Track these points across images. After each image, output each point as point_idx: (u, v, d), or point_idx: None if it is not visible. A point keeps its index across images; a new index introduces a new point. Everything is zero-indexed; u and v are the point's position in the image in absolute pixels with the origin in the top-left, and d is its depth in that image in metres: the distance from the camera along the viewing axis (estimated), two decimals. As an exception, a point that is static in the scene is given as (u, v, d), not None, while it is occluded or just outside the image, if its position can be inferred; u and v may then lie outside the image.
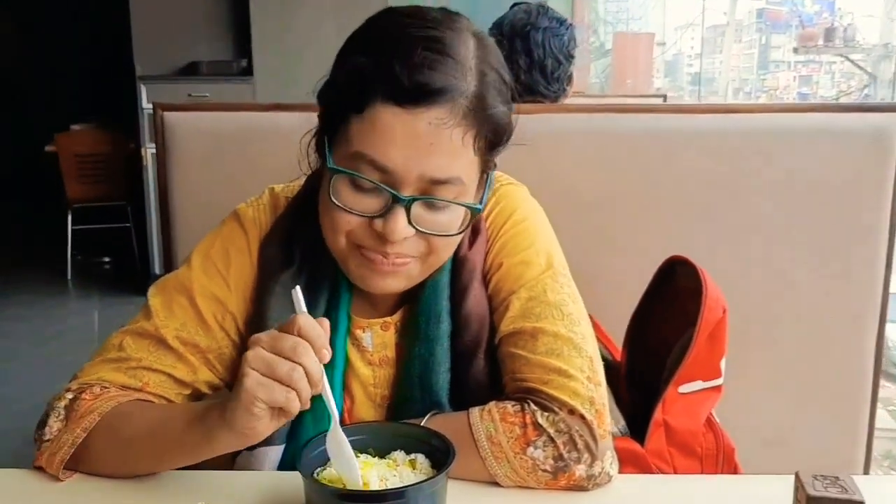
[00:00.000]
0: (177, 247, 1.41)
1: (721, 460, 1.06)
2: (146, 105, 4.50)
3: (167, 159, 1.40)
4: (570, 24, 1.89)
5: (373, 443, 0.83)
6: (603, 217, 1.37)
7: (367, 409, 0.97)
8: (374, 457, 0.82)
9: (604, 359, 1.11)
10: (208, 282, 0.95)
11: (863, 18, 6.08)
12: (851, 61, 6.16)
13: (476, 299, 0.94)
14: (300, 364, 0.74)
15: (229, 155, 1.40)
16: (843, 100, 6.28)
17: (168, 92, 4.44)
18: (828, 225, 1.36)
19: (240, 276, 0.96)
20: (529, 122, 1.38)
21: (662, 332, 1.13)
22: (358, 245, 0.87)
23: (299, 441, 0.90)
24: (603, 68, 6.44)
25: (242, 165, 1.38)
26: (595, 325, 1.18)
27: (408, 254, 0.87)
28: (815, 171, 1.35)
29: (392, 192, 0.83)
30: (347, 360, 0.97)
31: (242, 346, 0.96)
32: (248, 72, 4.58)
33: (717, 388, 1.08)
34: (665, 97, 2.97)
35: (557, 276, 0.95)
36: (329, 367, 0.92)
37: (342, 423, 0.93)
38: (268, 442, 0.90)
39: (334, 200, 0.85)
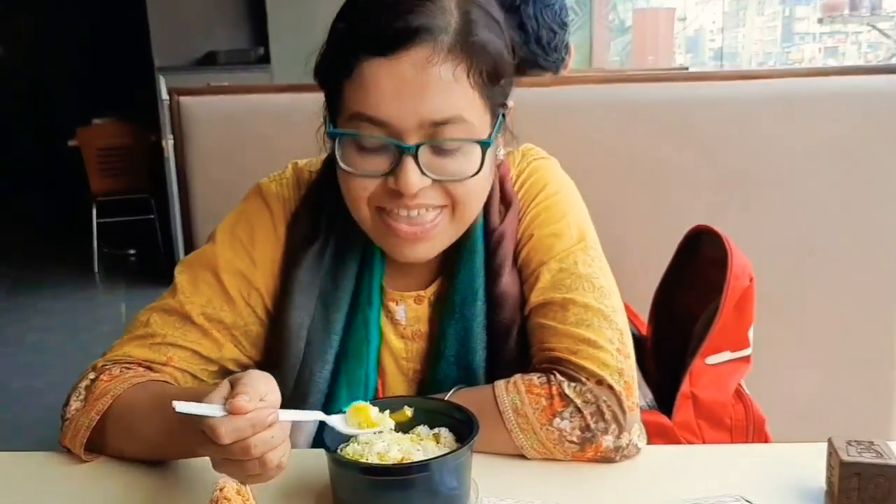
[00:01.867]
0: (197, 229, 1.42)
1: (751, 431, 1.05)
2: (166, 96, 4.51)
3: (185, 145, 1.40)
4: None
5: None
6: (625, 189, 1.35)
7: (398, 383, 0.97)
8: (398, 432, 0.81)
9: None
10: (234, 258, 0.95)
11: (889, -15, 5.92)
12: (879, 30, 6.01)
13: (511, 278, 0.94)
14: (261, 456, 0.71)
15: (247, 137, 1.39)
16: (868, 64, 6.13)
17: (187, 82, 4.40)
18: (855, 190, 1.33)
19: (265, 251, 0.96)
20: (549, 95, 1.38)
21: (688, 303, 1.11)
22: (382, 212, 0.86)
23: (332, 412, 0.89)
24: (623, 45, 6.36)
25: (260, 148, 1.37)
26: (620, 300, 1.17)
27: (430, 204, 0.85)
28: (839, 136, 1.32)
29: (395, 142, 0.82)
30: (381, 333, 0.96)
31: (269, 323, 0.96)
32: (265, 59, 4.60)
33: (746, 359, 1.06)
34: (687, 70, 2.92)
35: (589, 250, 0.94)
36: (364, 341, 0.93)
37: (375, 397, 0.93)
38: None
39: (344, 166, 0.85)
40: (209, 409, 0.70)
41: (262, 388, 0.73)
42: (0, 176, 7.69)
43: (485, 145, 0.85)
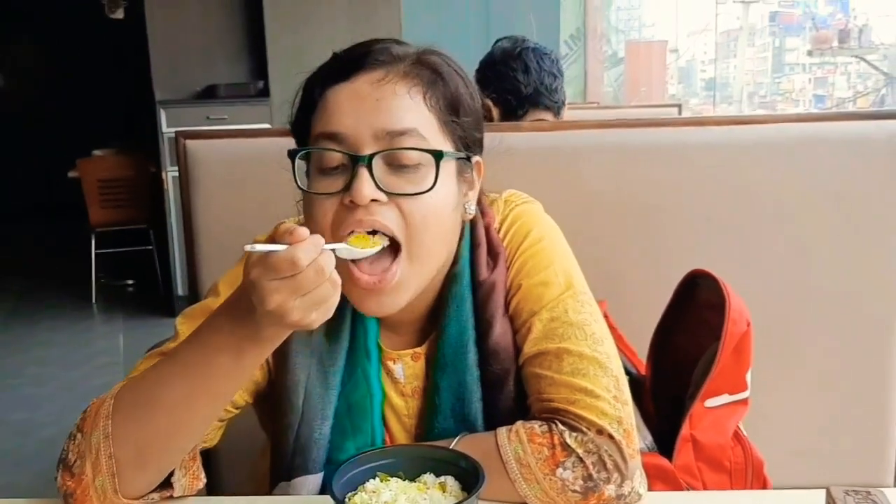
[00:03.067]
0: (201, 268, 1.43)
1: (750, 474, 1.06)
2: (166, 129, 4.57)
3: (190, 185, 1.42)
4: (552, 50, 2.04)
5: (402, 466, 0.84)
6: (623, 231, 1.37)
7: (402, 440, 0.98)
8: (405, 480, 0.82)
9: (629, 373, 1.12)
10: None
11: (878, 18, 6.03)
12: (867, 62, 6.11)
13: (503, 328, 0.94)
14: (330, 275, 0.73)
15: (250, 179, 1.42)
16: (861, 101, 6.22)
17: (187, 116, 4.49)
18: (849, 234, 1.35)
19: None
20: (547, 139, 1.41)
21: (686, 345, 1.13)
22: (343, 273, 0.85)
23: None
24: (616, 77, 6.45)
25: (263, 188, 1.39)
26: (619, 339, 1.19)
27: (385, 225, 0.84)
28: (832, 181, 1.34)
29: (350, 153, 0.85)
30: (383, 388, 0.97)
31: (268, 374, 0.97)
32: (264, 93, 4.63)
33: (744, 402, 1.08)
34: (680, 106, 2.96)
35: (578, 296, 0.95)
36: (367, 395, 0.94)
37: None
38: (305, 471, 0.92)
39: (303, 188, 0.87)
40: (277, 246, 0.72)
41: None
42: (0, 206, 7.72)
43: (438, 156, 0.86)
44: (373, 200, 0.83)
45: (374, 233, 0.85)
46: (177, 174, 1.48)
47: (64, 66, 7.75)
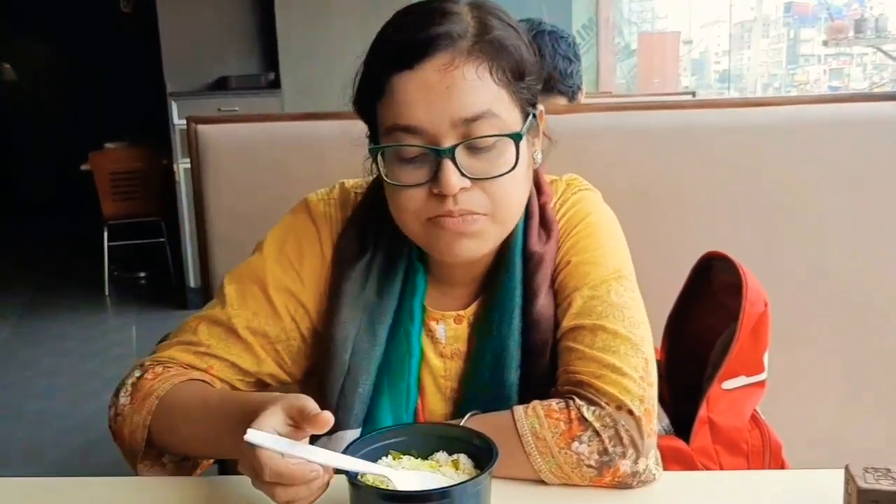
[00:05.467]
0: (212, 256, 1.43)
1: (768, 457, 1.05)
2: (178, 121, 4.59)
3: (201, 172, 1.42)
4: (569, 33, 2.01)
5: (415, 444, 0.83)
6: (636, 214, 1.34)
7: (436, 402, 0.99)
8: (417, 458, 0.82)
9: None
10: (282, 275, 0.98)
11: (894, 8, 5.96)
12: (884, 52, 6.04)
13: (547, 300, 0.96)
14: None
15: (263, 165, 1.41)
16: (877, 91, 6.16)
17: (198, 107, 4.51)
18: (865, 214, 1.34)
19: (312, 270, 0.99)
20: (561, 122, 1.40)
21: (701, 328, 1.12)
22: (431, 220, 0.89)
23: (376, 424, 0.93)
24: (629, 69, 6.41)
25: (276, 175, 1.40)
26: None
27: (474, 210, 0.87)
28: (847, 161, 1.33)
29: (431, 147, 0.85)
30: (421, 351, 0.98)
31: (313, 340, 1.00)
32: (275, 85, 4.64)
33: (761, 384, 1.07)
34: (694, 94, 2.94)
35: (623, 281, 0.95)
36: (407, 354, 0.97)
37: (416, 418, 0.97)
38: (346, 426, 0.94)
39: (390, 181, 0.88)
40: (276, 444, 0.74)
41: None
42: (13, 199, 7.79)
43: (517, 138, 0.88)
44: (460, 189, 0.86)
45: None
46: (188, 166, 1.47)
47: (75, 60, 7.79)
